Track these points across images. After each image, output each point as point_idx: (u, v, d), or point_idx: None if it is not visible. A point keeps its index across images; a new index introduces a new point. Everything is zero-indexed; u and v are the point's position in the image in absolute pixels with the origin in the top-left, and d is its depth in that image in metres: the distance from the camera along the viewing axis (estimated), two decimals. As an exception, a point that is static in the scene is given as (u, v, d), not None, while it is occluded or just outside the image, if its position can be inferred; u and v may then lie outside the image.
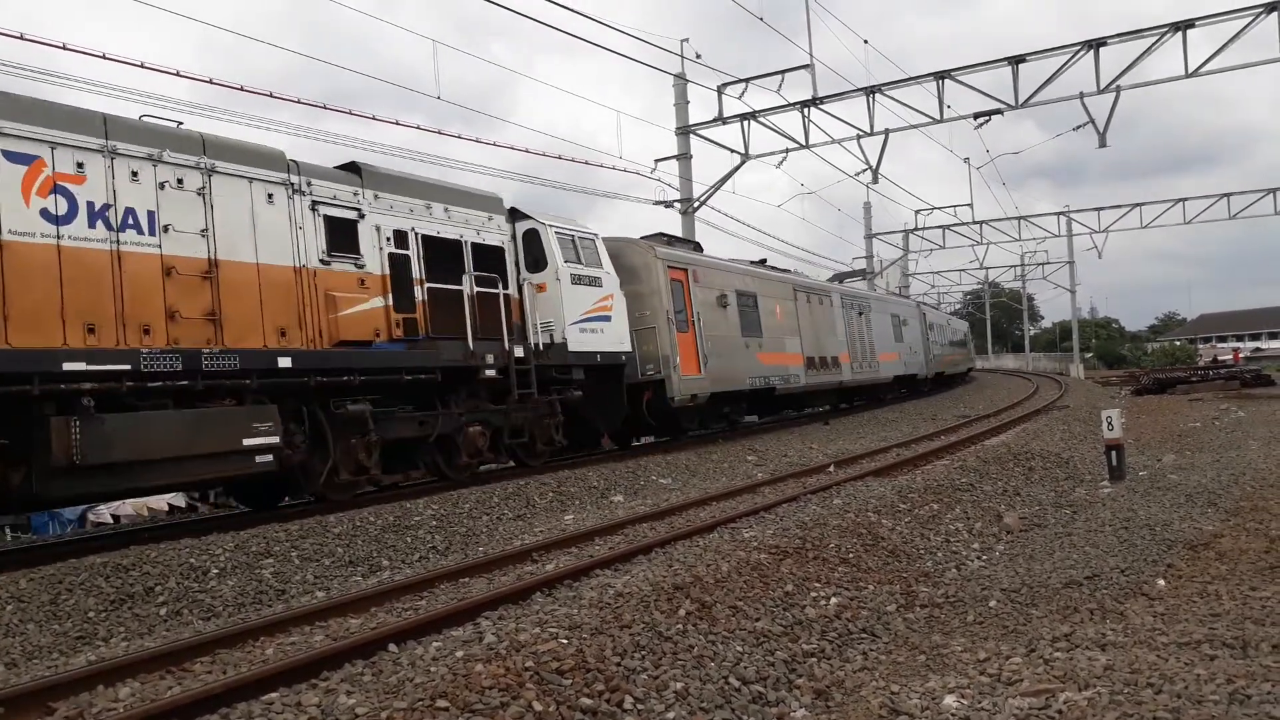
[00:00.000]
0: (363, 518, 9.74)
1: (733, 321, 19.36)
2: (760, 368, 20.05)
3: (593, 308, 14.73)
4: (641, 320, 16.26)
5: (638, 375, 16.03)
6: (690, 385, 16.85)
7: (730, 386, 18.73)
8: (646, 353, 16.21)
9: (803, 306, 23.44)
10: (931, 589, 7.48)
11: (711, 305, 18.53)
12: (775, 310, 21.64)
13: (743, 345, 19.56)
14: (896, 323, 31.76)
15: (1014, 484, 11.91)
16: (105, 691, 5.10)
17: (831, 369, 24.30)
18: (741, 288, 20.24)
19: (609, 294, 15.19)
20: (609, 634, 5.37)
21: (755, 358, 19.94)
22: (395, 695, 4.45)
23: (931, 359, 36.00)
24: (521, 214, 14.15)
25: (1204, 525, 8.65)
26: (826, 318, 25.08)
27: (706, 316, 18.04)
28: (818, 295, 24.97)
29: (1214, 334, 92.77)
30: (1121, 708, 4.45)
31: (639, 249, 17.13)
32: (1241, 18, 19.96)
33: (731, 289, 19.60)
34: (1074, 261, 54.78)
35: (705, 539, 8.22)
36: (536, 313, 13.87)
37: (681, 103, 25.15)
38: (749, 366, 19.60)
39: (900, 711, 4.75)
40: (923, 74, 22.91)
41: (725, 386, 18.39)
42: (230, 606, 7.36)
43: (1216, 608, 6.15)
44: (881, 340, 29.20)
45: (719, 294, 18.98)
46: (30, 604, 6.97)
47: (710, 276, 18.87)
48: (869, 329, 28.14)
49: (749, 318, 20.16)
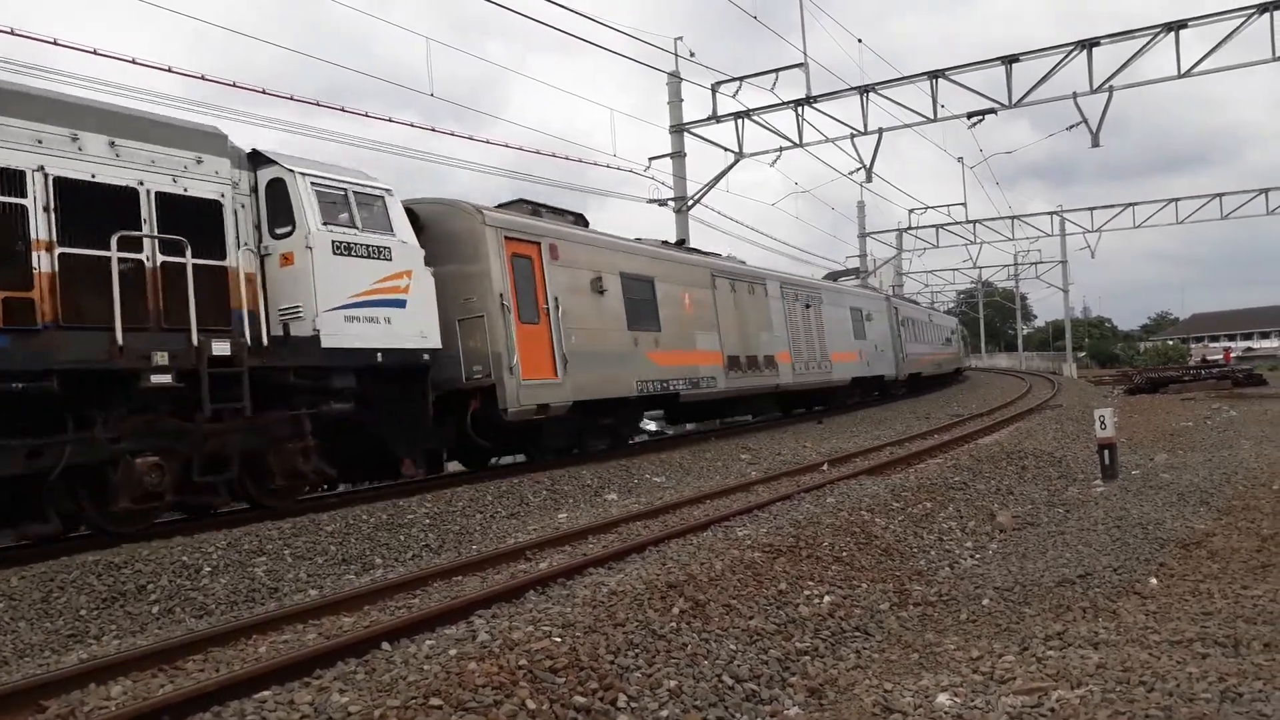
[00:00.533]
0: (356, 515, 9.73)
1: (613, 312, 15.57)
2: (655, 370, 16.33)
3: (372, 288, 10.97)
4: (467, 307, 12.78)
5: (461, 379, 12.70)
6: (536, 393, 13.24)
7: (606, 393, 14.97)
8: (473, 350, 12.74)
9: (724, 296, 19.83)
10: (925, 587, 7.49)
11: (579, 290, 14.78)
12: (682, 299, 17.99)
13: (630, 341, 15.82)
14: (858, 317, 28.19)
15: (1007, 483, 11.94)
16: (97, 690, 5.08)
17: (764, 370, 20.79)
18: (630, 270, 16.38)
19: (404, 270, 11.46)
20: (603, 632, 5.37)
21: (647, 357, 16.20)
22: (388, 693, 4.44)
23: (904, 359, 32.47)
24: (265, 158, 10.78)
25: (1196, 524, 8.68)
26: (759, 310, 21.40)
27: (570, 305, 14.36)
28: (747, 283, 21.19)
29: (1206, 334, 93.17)
30: (1114, 706, 4.46)
31: (461, 214, 13.32)
32: (1234, 18, 20.03)
33: (613, 271, 15.79)
34: (1067, 261, 54.97)
35: (699, 537, 8.22)
36: (271, 294, 10.39)
37: (675, 101, 25.16)
38: (639, 368, 15.88)
39: (893, 709, 4.76)
40: (916, 73, 22.96)
41: (597, 393, 14.72)
42: (223, 604, 7.34)
43: (1208, 606, 6.17)
44: (836, 337, 25.82)
45: (592, 276, 15.19)
46: (22, 602, 6.94)
47: (577, 254, 15.04)
48: (819, 324, 24.64)
49: (641, 308, 16.40)
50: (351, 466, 11.95)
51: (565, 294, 14.30)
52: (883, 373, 30.01)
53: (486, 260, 12.94)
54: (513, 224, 13.84)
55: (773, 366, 21.19)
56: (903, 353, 32.33)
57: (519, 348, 12.95)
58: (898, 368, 31.59)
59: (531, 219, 14.75)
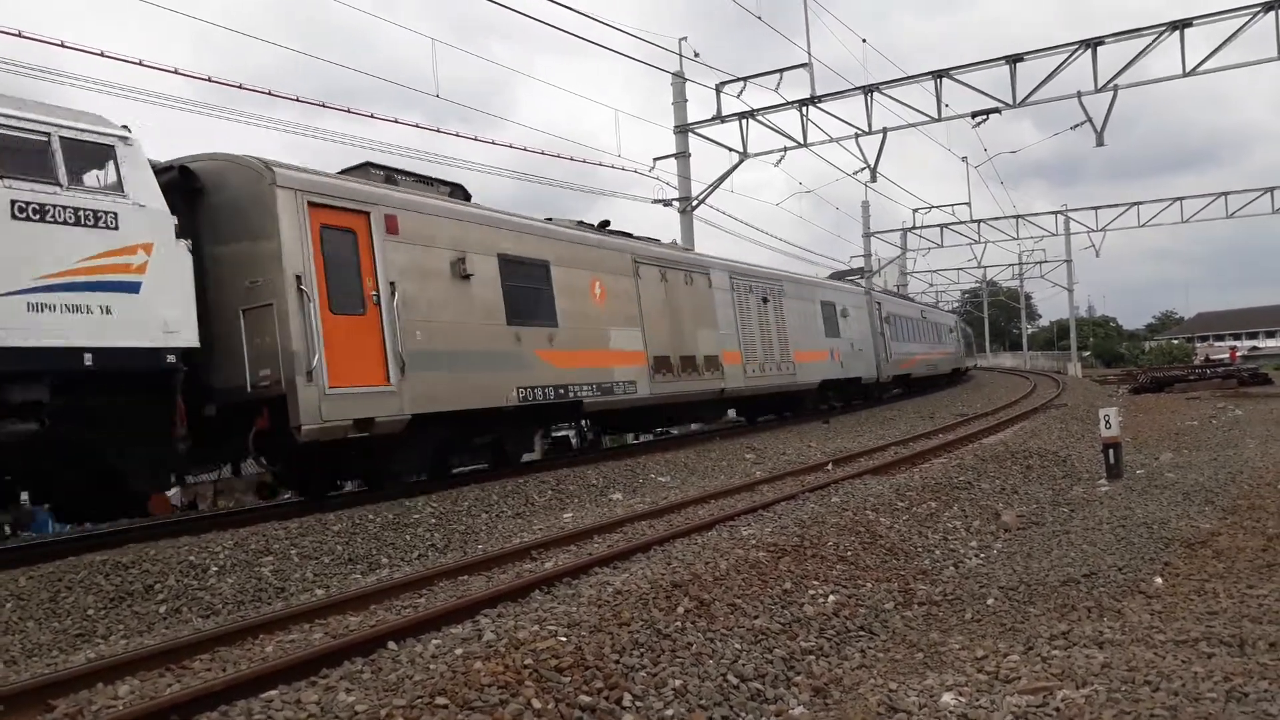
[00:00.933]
0: (362, 515, 9.75)
1: (485, 303, 12.85)
2: (548, 373, 13.75)
3: (80, 267, 8.36)
4: (253, 294, 10.03)
5: (246, 388, 9.85)
6: (350, 404, 10.31)
7: (468, 403, 12.18)
8: (260, 349, 9.91)
9: (651, 286, 16.86)
10: (929, 587, 7.49)
11: (432, 275, 11.99)
12: (590, 289, 15.20)
13: (509, 339, 13.13)
14: (831, 313, 25.23)
15: (1012, 482, 11.93)
16: (105, 689, 5.11)
17: (705, 373, 17.88)
18: (514, 252, 13.57)
19: (138, 244, 8.82)
20: (608, 632, 5.39)
21: (537, 358, 13.58)
22: (395, 693, 4.46)
23: (888, 359, 29.76)
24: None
25: (1201, 523, 8.67)
26: (699, 303, 18.42)
27: (416, 292, 11.59)
28: (683, 271, 18.22)
29: (1211, 333, 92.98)
30: (1119, 705, 4.46)
31: (245, 173, 10.33)
32: (1239, 17, 19.96)
33: (487, 252, 13.02)
34: (1071, 260, 54.77)
35: (704, 537, 8.24)
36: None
37: (680, 101, 25.14)
38: (523, 371, 13.24)
39: (898, 709, 4.77)
40: (921, 73, 22.91)
41: (455, 404, 11.92)
42: (230, 604, 7.37)
43: (1214, 606, 6.16)
44: (803, 334, 22.89)
45: (454, 258, 12.37)
46: (30, 601, 6.98)
47: (430, 229, 12.10)
48: (780, 320, 21.77)
49: (528, 298, 13.73)
50: (73, 503, 9.70)
51: (408, 278, 11.44)
52: (860, 374, 26.99)
53: (277, 232, 9.97)
54: (322, 186, 10.77)
55: (716, 368, 18.23)
56: (887, 352, 29.72)
57: (326, 345, 10.08)
58: (880, 369, 28.76)
59: (357, 182, 11.73)
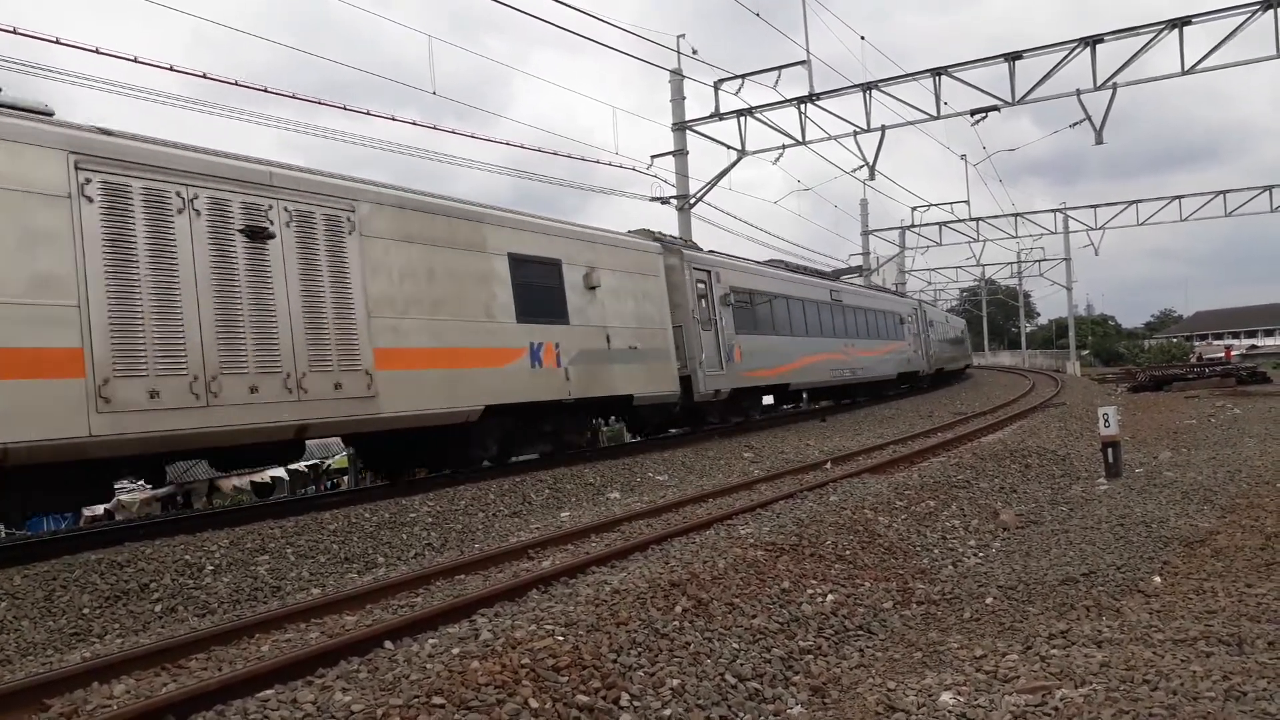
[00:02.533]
0: (358, 514, 9.73)
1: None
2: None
3: None
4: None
5: None
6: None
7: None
8: None
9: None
10: (928, 586, 7.48)
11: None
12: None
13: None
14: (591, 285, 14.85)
15: (1010, 481, 11.92)
16: (100, 688, 5.09)
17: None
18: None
19: None
20: (605, 631, 5.37)
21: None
22: (391, 692, 4.44)
23: (720, 364, 18.29)
24: None
25: (1200, 522, 8.66)
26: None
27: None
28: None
29: (1210, 331, 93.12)
30: (1118, 704, 4.45)
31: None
32: (1238, 14, 19.96)
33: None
34: (1070, 259, 54.78)
35: (702, 536, 8.22)
36: None
37: (678, 99, 25.12)
38: None
39: (897, 708, 4.75)
40: (920, 70, 22.90)
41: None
42: (225, 603, 7.35)
43: (1212, 605, 6.15)
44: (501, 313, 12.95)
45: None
46: (25, 600, 6.95)
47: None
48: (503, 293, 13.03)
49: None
50: None
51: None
52: (658, 390, 16.13)
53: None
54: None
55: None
56: (719, 356, 18.28)
57: None
58: (704, 382, 17.48)
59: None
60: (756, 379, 20.12)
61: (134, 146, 8.95)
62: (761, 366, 20.32)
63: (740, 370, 19.13)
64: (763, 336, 20.70)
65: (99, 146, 8.62)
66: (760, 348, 20.34)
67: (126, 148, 8.87)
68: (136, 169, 8.83)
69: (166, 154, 9.18)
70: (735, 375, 18.89)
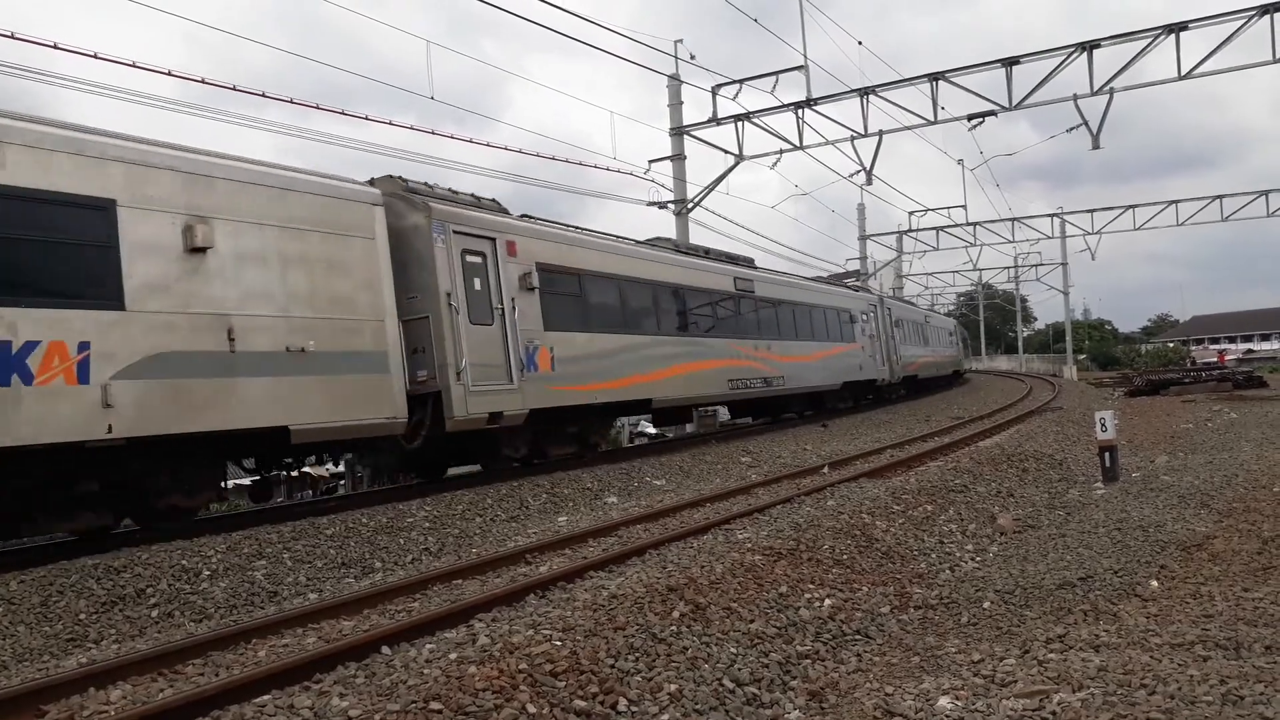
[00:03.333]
0: (355, 519, 9.72)
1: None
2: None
3: None
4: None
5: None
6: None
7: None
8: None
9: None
10: (925, 590, 7.48)
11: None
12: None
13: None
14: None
15: (1008, 485, 11.93)
16: (96, 694, 5.08)
17: None
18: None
19: None
20: (603, 636, 5.36)
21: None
22: (388, 698, 4.43)
23: (471, 364, 12.14)
24: None
25: (1197, 526, 8.67)
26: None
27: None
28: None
29: (1206, 335, 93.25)
30: (1115, 709, 4.45)
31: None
32: (1235, 20, 20.03)
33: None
34: (1067, 263, 54.98)
35: (699, 540, 8.22)
36: None
37: (675, 103, 25.18)
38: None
39: (895, 713, 4.75)
40: (917, 75, 22.96)
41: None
42: (222, 608, 7.34)
43: (1209, 609, 6.16)
44: None
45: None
46: (21, 606, 6.94)
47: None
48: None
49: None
50: None
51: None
52: (354, 417, 10.83)
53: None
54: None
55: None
56: (506, 363, 12.94)
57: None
58: (467, 403, 12.09)
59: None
60: (583, 394, 14.30)
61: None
62: (594, 378, 14.60)
63: (550, 383, 13.58)
64: (598, 335, 14.89)
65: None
66: (592, 350, 14.68)
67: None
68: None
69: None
70: (538, 390, 13.27)
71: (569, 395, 13.99)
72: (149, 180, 9.14)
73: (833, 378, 25.13)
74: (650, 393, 16.08)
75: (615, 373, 15.15)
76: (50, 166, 8.35)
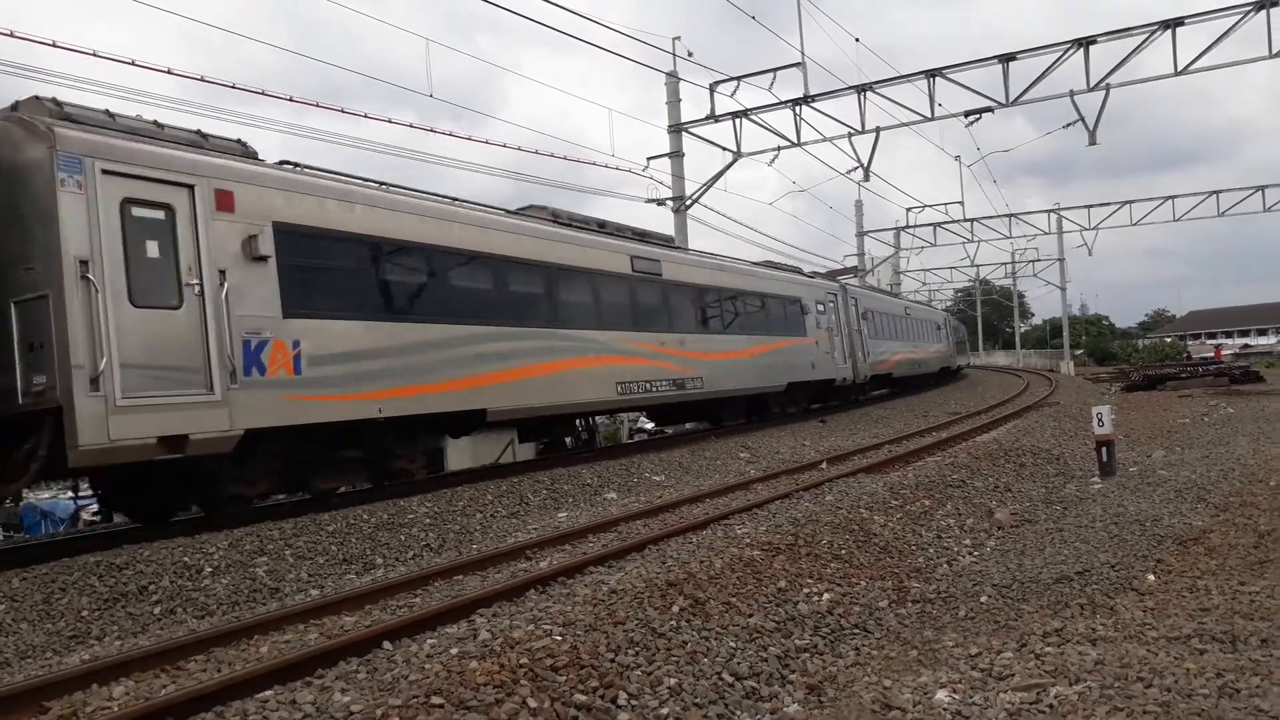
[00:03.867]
0: (356, 515, 9.74)
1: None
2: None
3: None
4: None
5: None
6: None
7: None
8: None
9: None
10: (923, 585, 7.52)
11: None
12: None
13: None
14: None
15: (1005, 480, 11.97)
16: (99, 690, 5.11)
17: None
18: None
19: None
20: (603, 630, 5.40)
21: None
22: (390, 692, 4.46)
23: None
24: None
25: (1193, 520, 8.71)
26: None
27: None
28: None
29: (1203, 331, 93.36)
30: (1112, 701, 4.49)
31: None
32: (1231, 15, 20.05)
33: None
34: (1064, 259, 55.01)
35: (698, 536, 8.25)
36: None
37: (673, 101, 25.16)
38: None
39: (893, 706, 4.78)
40: (914, 72, 22.95)
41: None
42: (224, 605, 7.36)
43: (1206, 602, 6.20)
44: None
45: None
46: (23, 603, 6.96)
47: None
48: None
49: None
50: None
51: None
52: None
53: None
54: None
55: None
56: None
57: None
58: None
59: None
60: (352, 406, 10.44)
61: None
62: (380, 381, 10.81)
63: (290, 390, 9.78)
64: (389, 324, 11.20)
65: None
66: (376, 345, 10.89)
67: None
68: None
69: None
70: (264, 402, 9.51)
71: (326, 408, 10.08)
72: None
73: (772, 378, 20.90)
74: (483, 400, 12.36)
75: (421, 375, 11.41)
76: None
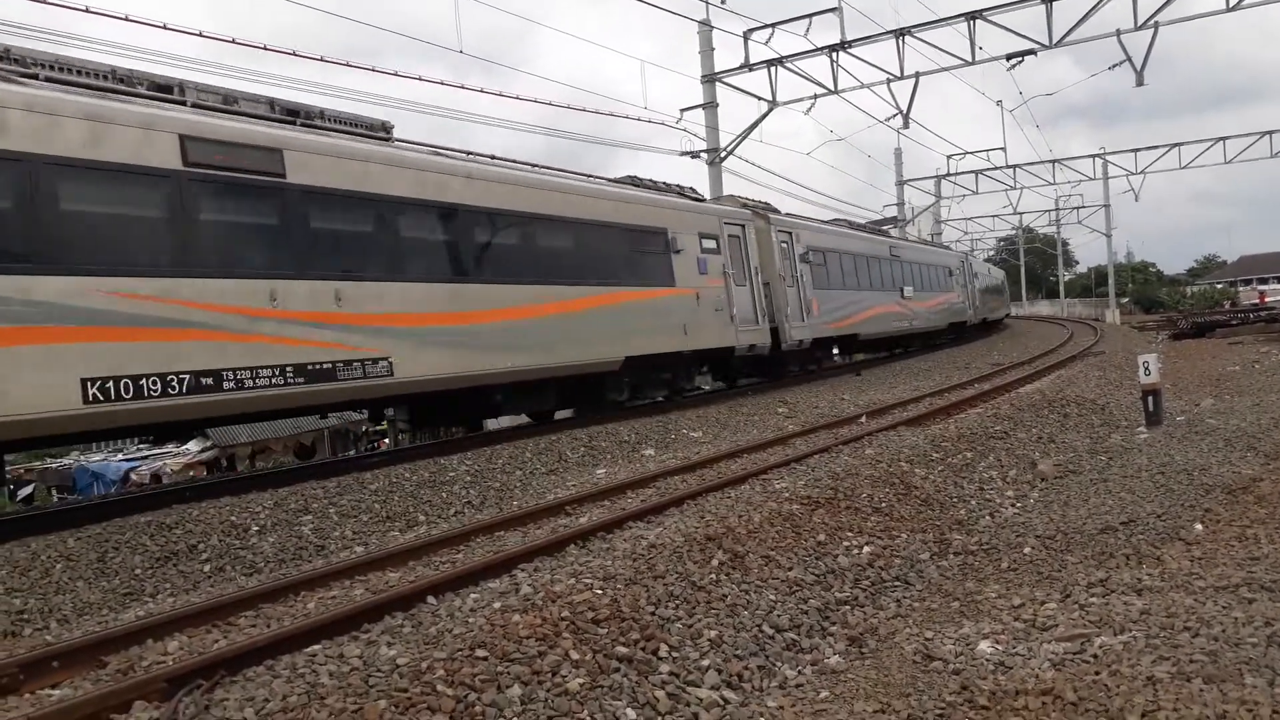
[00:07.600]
0: (398, 474, 9.87)
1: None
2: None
3: None
4: None
5: None
6: None
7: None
8: None
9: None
10: (965, 537, 7.47)
11: None
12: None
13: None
14: None
15: (1049, 431, 11.82)
16: (154, 645, 5.25)
17: None
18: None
19: None
20: (643, 584, 5.43)
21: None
22: (435, 646, 4.53)
23: None
24: None
25: (1243, 469, 8.55)
26: None
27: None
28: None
29: (1255, 276, 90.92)
30: (1158, 651, 4.44)
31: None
32: (1287, -54, 19.26)
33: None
34: (1110, 205, 53.70)
35: (737, 490, 8.25)
36: None
37: (706, 50, 24.73)
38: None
39: (934, 657, 4.78)
40: (953, 15, 22.34)
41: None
42: (271, 562, 7.52)
43: (1255, 551, 6.09)
44: None
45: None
46: (79, 562, 7.16)
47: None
48: None
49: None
50: None
51: None
52: None
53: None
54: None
55: None
56: None
57: None
58: None
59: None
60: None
61: None
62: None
63: None
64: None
65: None
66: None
67: None
68: None
69: None
70: None
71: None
72: None
73: (585, 350, 13.72)
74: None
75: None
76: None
